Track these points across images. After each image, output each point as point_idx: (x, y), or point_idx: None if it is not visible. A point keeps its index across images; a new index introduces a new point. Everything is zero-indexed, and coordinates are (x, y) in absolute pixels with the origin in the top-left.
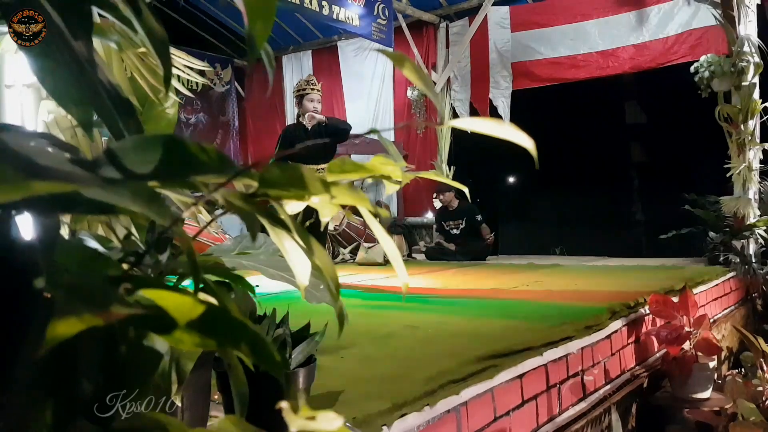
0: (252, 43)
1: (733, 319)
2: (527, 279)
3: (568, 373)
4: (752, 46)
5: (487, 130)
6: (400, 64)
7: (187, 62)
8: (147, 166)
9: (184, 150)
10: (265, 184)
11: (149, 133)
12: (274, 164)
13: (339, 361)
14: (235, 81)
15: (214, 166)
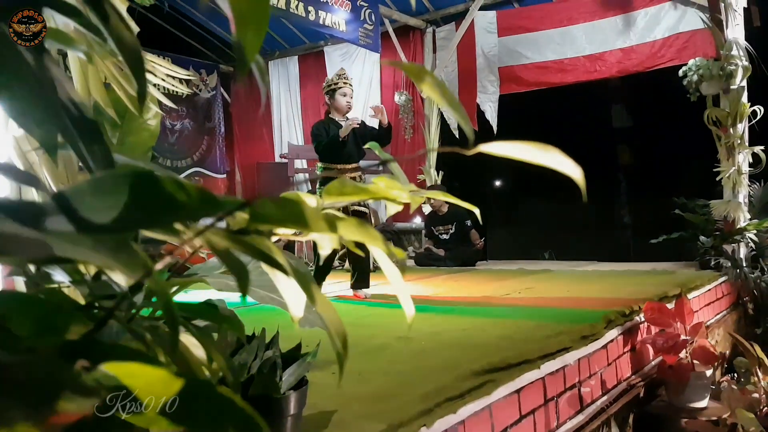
0: (241, 54)
1: (725, 324)
2: (519, 285)
3: (565, 385)
4: (740, 50)
5: (529, 156)
6: (418, 79)
7: (170, 71)
8: (108, 213)
9: (157, 190)
10: (257, 219)
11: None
12: (270, 199)
13: (330, 377)
14: (221, 87)
15: (196, 207)
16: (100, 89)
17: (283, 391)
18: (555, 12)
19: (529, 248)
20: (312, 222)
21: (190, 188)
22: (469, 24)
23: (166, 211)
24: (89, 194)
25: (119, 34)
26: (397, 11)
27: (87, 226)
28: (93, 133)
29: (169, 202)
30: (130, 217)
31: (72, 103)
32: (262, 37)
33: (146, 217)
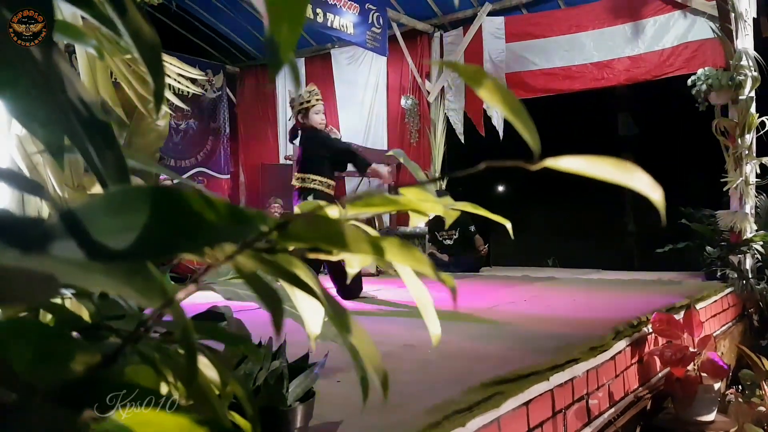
0: (275, 52)
1: (731, 336)
2: (524, 293)
3: (573, 397)
4: (750, 60)
5: (603, 173)
6: (475, 83)
7: (180, 70)
8: (125, 235)
9: (182, 208)
10: (291, 238)
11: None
12: (307, 218)
13: (335, 385)
14: (227, 87)
15: (226, 228)
16: (109, 87)
17: (290, 403)
18: (563, 19)
19: (533, 255)
20: (352, 243)
21: (220, 205)
22: (477, 29)
23: (193, 233)
24: (103, 213)
25: (137, 29)
26: (405, 15)
27: (100, 252)
28: (105, 136)
29: (195, 222)
30: (151, 240)
31: (82, 103)
32: (299, 34)
33: (170, 241)
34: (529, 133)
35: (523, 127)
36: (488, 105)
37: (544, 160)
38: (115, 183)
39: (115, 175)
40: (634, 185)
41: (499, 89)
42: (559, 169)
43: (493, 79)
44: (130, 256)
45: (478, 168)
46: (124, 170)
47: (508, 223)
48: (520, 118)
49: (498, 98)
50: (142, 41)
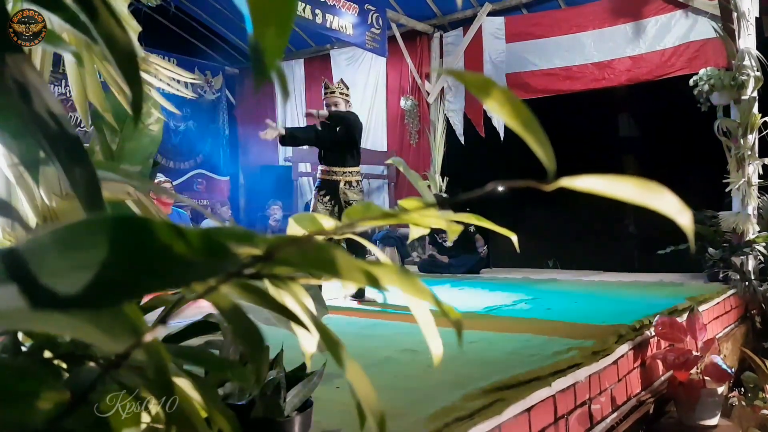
0: (259, 59)
1: (734, 338)
2: (525, 295)
3: (575, 402)
4: (752, 60)
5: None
6: (482, 93)
7: (173, 73)
8: (79, 276)
9: (147, 241)
10: (277, 263)
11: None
12: (296, 245)
13: (334, 392)
14: (226, 89)
15: (200, 262)
16: (98, 93)
17: (287, 414)
18: (564, 19)
19: (533, 256)
20: (345, 272)
21: (192, 236)
22: (476, 30)
23: (160, 270)
24: (52, 250)
25: (110, 33)
26: (404, 15)
27: (47, 299)
28: (73, 151)
29: (163, 257)
30: (109, 281)
31: (50, 115)
32: (287, 39)
33: (131, 281)
34: (543, 149)
35: (536, 142)
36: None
37: (560, 179)
38: (82, 199)
39: (85, 193)
40: (661, 207)
41: (509, 100)
42: (576, 189)
43: (502, 89)
44: (82, 302)
45: (485, 190)
46: (94, 187)
47: (514, 236)
48: (533, 132)
49: (507, 110)
50: (115, 47)
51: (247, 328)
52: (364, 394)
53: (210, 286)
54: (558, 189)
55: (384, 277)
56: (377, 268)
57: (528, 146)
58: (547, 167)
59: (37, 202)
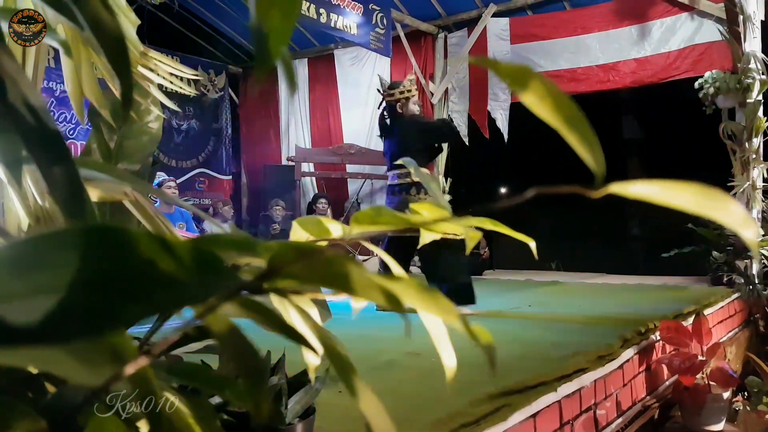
0: (262, 46)
1: (738, 342)
2: (528, 298)
3: (581, 408)
4: (758, 63)
5: (684, 202)
6: (520, 85)
7: (173, 69)
8: (39, 302)
9: (125, 257)
10: (282, 276)
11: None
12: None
13: (337, 396)
14: (230, 88)
15: (191, 282)
16: (95, 88)
17: (289, 421)
18: (569, 21)
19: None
20: (359, 288)
21: (181, 249)
22: (481, 30)
23: (142, 293)
24: (8, 270)
25: (95, 17)
26: (408, 16)
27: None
28: (53, 149)
29: (146, 277)
30: (78, 309)
31: (27, 108)
32: (293, 24)
33: (107, 308)
34: (591, 150)
35: (582, 143)
36: (492, 108)
37: (609, 185)
38: (61, 203)
39: (64, 195)
40: (723, 219)
41: (551, 93)
42: (626, 196)
43: (543, 80)
44: (41, 335)
45: (526, 196)
46: (76, 190)
47: (532, 242)
48: (579, 131)
49: (548, 104)
50: (102, 33)
51: (245, 357)
52: (379, 426)
53: (205, 307)
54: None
55: (405, 296)
56: (397, 284)
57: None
58: (594, 171)
59: (29, 201)
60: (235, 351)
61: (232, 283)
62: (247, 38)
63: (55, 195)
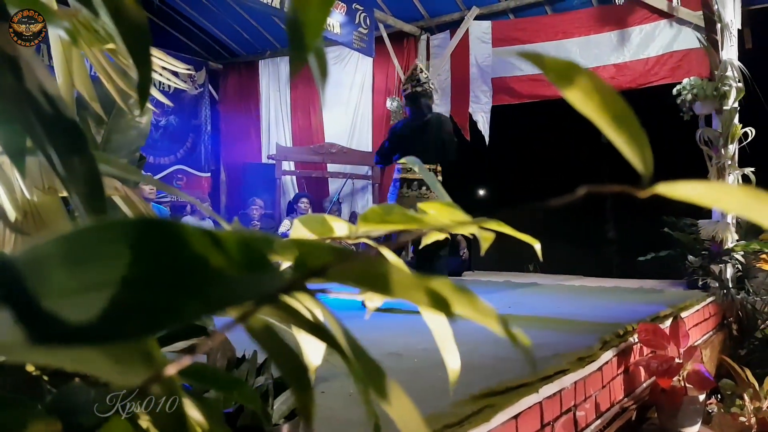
0: (298, 36)
1: (712, 345)
2: (508, 299)
3: (561, 409)
4: (734, 70)
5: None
6: (565, 80)
7: (164, 62)
8: (91, 300)
9: (180, 252)
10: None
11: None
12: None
13: (319, 397)
14: (209, 84)
15: (241, 278)
16: (85, 80)
17: (275, 422)
18: (550, 25)
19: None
20: (401, 290)
21: (229, 243)
22: (463, 33)
23: (197, 290)
24: (59, 265)
25: (117, 3)
26: (391, 16)
27: (52, 331)
28: (72, 138)
29: (201, 273)
30: (134, 306)
31: (44, 97)
32: (328, 15)
33: (163, 305)
34: (639, 151)
35: (630, 142)
36: (474, 110)
37: (656, 185)
38: (82, 197)
39: (83, 188)
40: None
41: (599, 89)
42: (672, 197)
43: (590, 75)
44: (97, 334)
45: (576, 195)
46: (95, 181)
47: (537, 243)
48: (627, 130)
49: (595, 101)
50: (123, 20)
51: (289, 358)
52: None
53: (249, 309)
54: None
55: (456, 301)
56: (450, 294)
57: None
58: (641, 173)
59: (17, 195)
60: (277, 352)
61: (278, 282)
62: (227, 35)
63: (75, 187)
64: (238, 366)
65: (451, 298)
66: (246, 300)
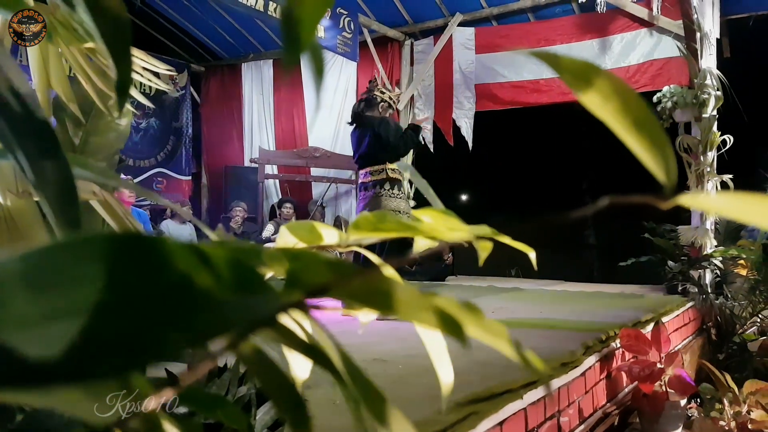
0: (291, 32)
1: (692, 350)
2: (491, 304)
3: (545, 415)
4: (714, 79)
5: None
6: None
7: (146, 63)
8: (59, 330)
9: (161, 272)
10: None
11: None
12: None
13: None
14: (191, 86)
15: (233, 299)
16: (63, 80)
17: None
18: (533, 32)
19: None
20: (405, 309)
21: (220, 263)
22: (447, 39)
23: (183, 317)
24: (19, 287)
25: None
26: (376, 21)
27: (7, 370)
28: (43, 141)
29: (184, 296)
30: (109, 338)
31: (14, 95)
32: (325, 12)
33: (141, 336)
34: (661, 158)
35: (652, 150)
36: (457, 116)
37: (678, 196)
38: (53, 205)
39: (55, 195)
40: None
41: (619, 92)
42: (695, 208)
43: (609, 77)
44: (65, 374)
45: (600, 205)
46: (68, 188)
47: (532, 251)
48: (649, 136)
49: (615, 105)
50: (102, 15)
51: (281, 386)
52: None
53: (241, 335)
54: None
55: (469, 322)
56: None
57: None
58: (663, 182)
59: None
60: (268, 378)
61: (275, 304)
62: (209, 37)
63: (45, 193)
64: (220, 375)
65: (461, 318)
66: (240, 326)
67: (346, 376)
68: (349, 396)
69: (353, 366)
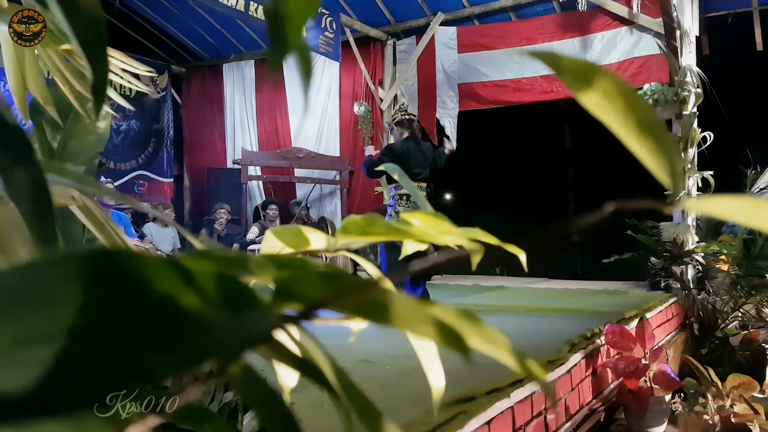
0: (279, 30)
1: (675, 345)
2: (477, 302)
3: (532, 413)
4: (693, 76)
5: None
6: (582, 83)
7: (124, 64)
8: (32, 357)
9: (141, 289)
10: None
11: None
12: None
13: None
14: (172, 88)
15: (221, 319)
16: (40, 82)
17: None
18: (514, 31)
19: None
20: (402, 320)
21: (205, 279)
22: (429, 38)
23: (167, 340)
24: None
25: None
26: (358, 21)
27: None
28: (13, 146)
29: (169, 317)
30: (84, 364)
31: None
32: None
33: (123, 362)
34: (666, 161)
35: (656, 153)
36: (440, 115)
37: (685, 201)
38: (26, 216)
39: (28, 205)
40: None
41: (621, 93)
42: (702, 212)
43: (611, 77)
44: (34, 409)
45: (606, 212)
46: (42, 198)
47: (523, 253)
48: (654, 139)
49: (617, 105)
50: (75, 13)
51: (273, 407)
52: None
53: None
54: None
55: (471, 333)
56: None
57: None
58: (669, 187)
59: None
60: (258, 399)
61: (269, 321)
62: (190, 38)
63: (17, 201)
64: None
65: (462, 330)
66: (230, 347)
67: (339, 390)
68: (342, 407)
69: (348, 381)
